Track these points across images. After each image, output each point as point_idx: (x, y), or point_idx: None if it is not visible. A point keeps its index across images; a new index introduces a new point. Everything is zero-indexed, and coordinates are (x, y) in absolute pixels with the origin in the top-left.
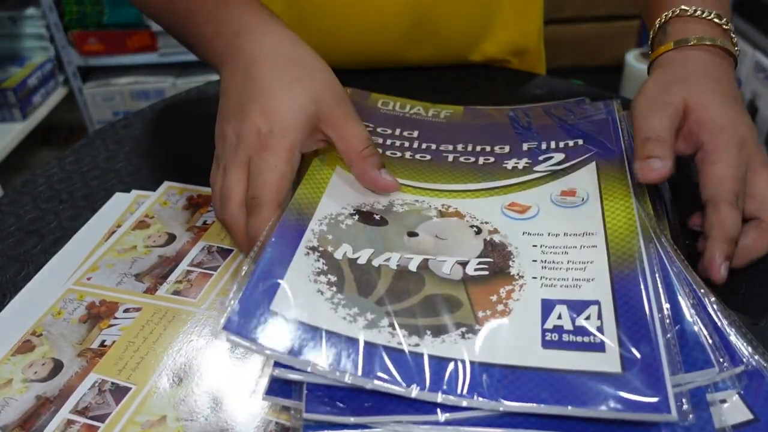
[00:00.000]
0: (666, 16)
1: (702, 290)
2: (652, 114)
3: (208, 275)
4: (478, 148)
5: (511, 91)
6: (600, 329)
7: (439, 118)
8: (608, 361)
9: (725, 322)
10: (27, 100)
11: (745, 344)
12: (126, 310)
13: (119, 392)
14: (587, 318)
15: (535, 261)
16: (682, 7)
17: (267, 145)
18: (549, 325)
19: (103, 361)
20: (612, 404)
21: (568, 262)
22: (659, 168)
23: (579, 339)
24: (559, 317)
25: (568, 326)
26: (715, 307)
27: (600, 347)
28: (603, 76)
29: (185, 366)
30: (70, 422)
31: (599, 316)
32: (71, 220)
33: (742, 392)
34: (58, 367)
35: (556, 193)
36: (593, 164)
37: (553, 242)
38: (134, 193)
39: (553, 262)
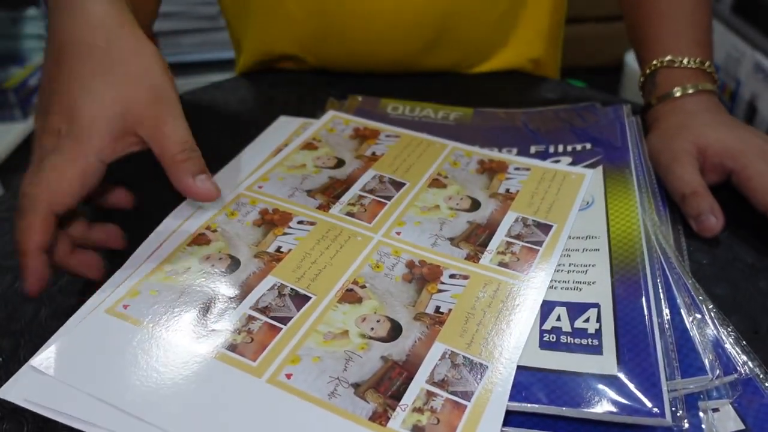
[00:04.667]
0: (654, 65)
1: (700, 297)
2: (676, 167)
3: (382, 203)
4: (486, 151)
5: (521, 95)
6: (598, 332)
7: (449, 120)
8: (605, 364)
9: (722, 330)
10: (27, 100)
11: (740, 353)
12: (300, 222)
13: (299, 299)
14: (586, 320)
15: None
16: (668, 58)
17: (58, 147)
18: (547, 326)
19: (280, 265)
20: (607, 406)
21: (569, 265)
22: (714, 224)
23: (577, 341)
24: (558, 319)
25: (567, 328)
26: (712, 314)
27: (597, 350)
28: (602, 76)
29: (365, 287)
30: (250, 318)
31: (598, 319)
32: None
33: (734, 401)
34: (235, 263)
35: None
36: (600, 168)
37: None
38: (300, 119)
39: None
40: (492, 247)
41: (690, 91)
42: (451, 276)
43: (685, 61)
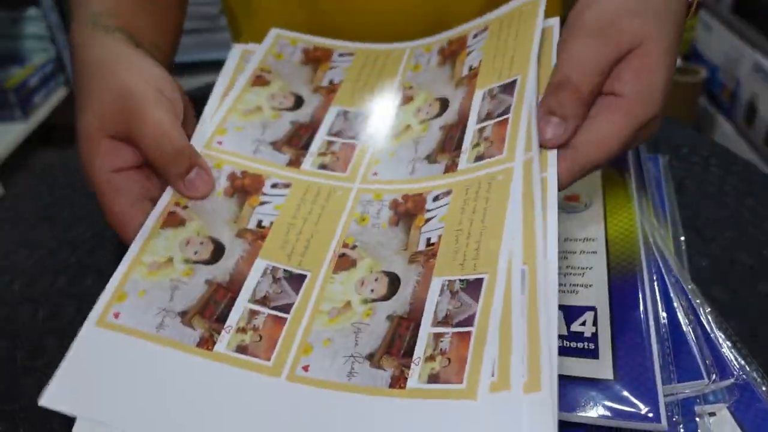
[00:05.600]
0: None
1: (698, 300)
2: (583, 44)
3: (353, 145)
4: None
5: None
6: (595, 336)
7: None
8: (601, 368)
9: (719, 334)
10: (28, 100)
11: (737, 357)
12: (274, 185)
13: (295, 281)
14: (582, 324)
15: None
16: None
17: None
18: None
19: (266, 243)
20: (602, 411)
21: (566, 267)
22: (558, 136)
23: (573, 345)
24: None
25: (563, 331)
26: (709, 318)
27: (593, 354)
28: None
29: (356, 246)
30: (253, 313)
31: (595, 323)
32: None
33: (731, 406)
34: (219, 248)
35: (560, 198)
36: (599, 170)
37: None
38: (239, 47)
39: None
40: (466, 144)
41: None
42: (435, 198)
43: None
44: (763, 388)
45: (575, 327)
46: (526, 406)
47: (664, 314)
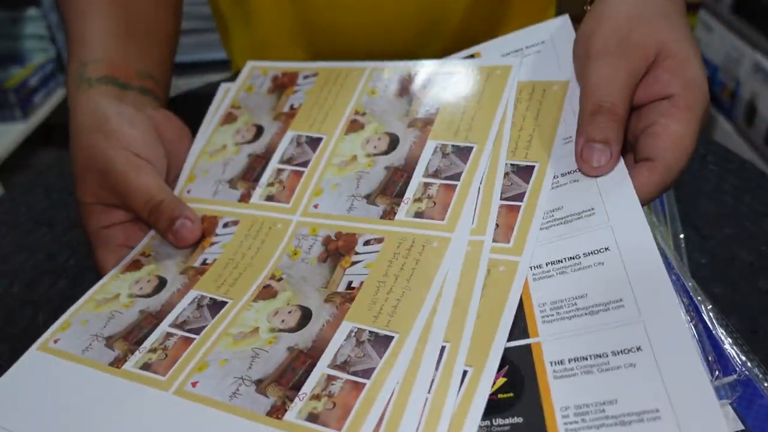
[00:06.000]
0: None
1: (699, 297)
2: (609, 65)
3: (300, 173)
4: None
5: None
6: None
7: None
8: None
9: (721, 331)
10: (28, 100)
11: (738, 353)
12: (225, 225)
13: (216, 307)
14: None
15: None
16: None
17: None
18: None
19: (204, 278)
20: None
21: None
22: (603, 165)
23: None
24: None
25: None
26: (711, 314)
27: None
28: None
29: (281, 279)
30: (168, 335)
31: None
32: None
33: (733, 402)
34: (162, 283)
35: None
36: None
37: None
38: (224, 86)
39: None
40: (408, 194)
41: None
42: (366, 242)
43: None
44: (765, 384)
45: None
46: None
47: None
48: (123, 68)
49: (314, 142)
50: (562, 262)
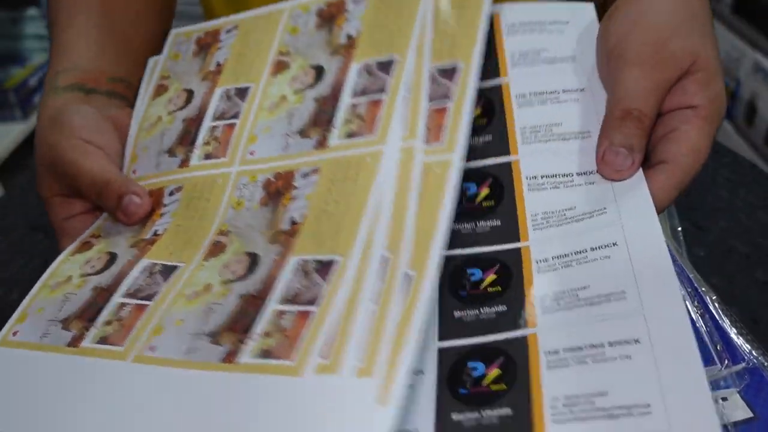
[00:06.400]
0: None
1: (703, 288)
2: (641, 73)
3: (232, 126)
4: None
5: None
6: None
7: None
8: None
9: (726, 321)
10: (28, 100)
11: (745, 342)
12: (171, 193)
13: (167, 272)
14: None
15: None
16: None
17: None
18: None
19: (154, 248)
20: None
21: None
22: (624, 171)
23: None
24: None
25: None
26: (716, 305)
27: None
28: None
29: (229, 232)
30: (121, 305)
31: None
32: None
33: (741, 390)
34: (112, 258)
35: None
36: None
37: None
38: (152, 60)
39: None
40: (337, 120)
41: None
42: (304, 176)
43: None
44: None
45: None
46: (355, 391)
47: None
48: (94, 75)
49: (242, 93)
50: (568, 255)
